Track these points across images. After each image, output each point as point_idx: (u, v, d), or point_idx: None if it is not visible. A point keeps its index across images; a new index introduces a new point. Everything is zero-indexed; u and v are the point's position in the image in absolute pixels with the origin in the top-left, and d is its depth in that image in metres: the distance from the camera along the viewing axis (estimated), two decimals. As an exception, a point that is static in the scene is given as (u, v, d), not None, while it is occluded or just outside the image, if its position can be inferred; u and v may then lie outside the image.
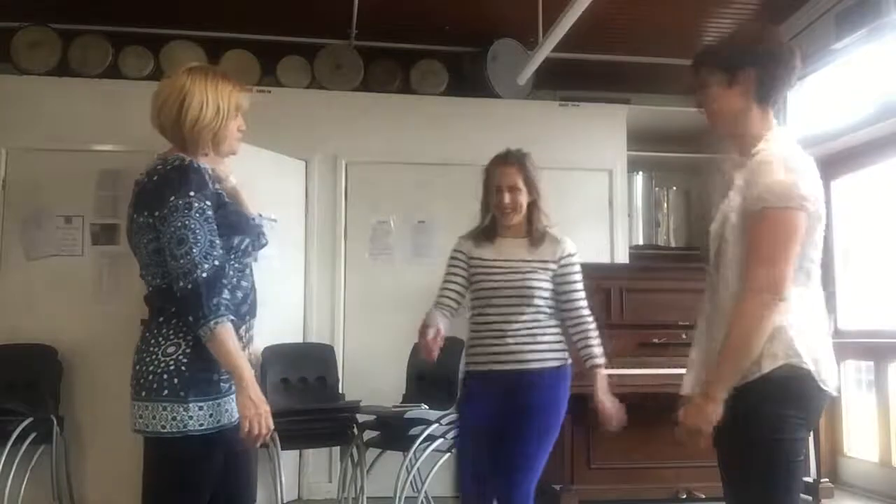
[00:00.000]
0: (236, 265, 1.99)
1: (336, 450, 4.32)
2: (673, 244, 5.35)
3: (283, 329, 4.41)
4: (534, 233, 2.80)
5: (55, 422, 4.04)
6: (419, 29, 4.91)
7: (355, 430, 3.95)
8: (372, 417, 3.92)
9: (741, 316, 1.75)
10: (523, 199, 2.78)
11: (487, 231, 2.85)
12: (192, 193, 1.89)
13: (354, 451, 3.88)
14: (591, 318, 2.78)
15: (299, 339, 4.60)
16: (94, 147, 4.52)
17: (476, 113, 4.90)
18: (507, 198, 2.76)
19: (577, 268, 2.81)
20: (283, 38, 4.99)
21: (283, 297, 4.47)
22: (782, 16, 4.84)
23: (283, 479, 3.81)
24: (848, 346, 4.47)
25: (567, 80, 5.37)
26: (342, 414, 4.02)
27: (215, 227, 1.91)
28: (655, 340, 4.20)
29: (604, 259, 4.96)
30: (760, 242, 1.76)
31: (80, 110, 4.50)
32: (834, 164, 4.54)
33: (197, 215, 1.88)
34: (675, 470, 4.15)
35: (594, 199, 5.05)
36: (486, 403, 2.71)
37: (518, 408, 2.65)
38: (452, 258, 2.86)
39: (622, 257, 5.03)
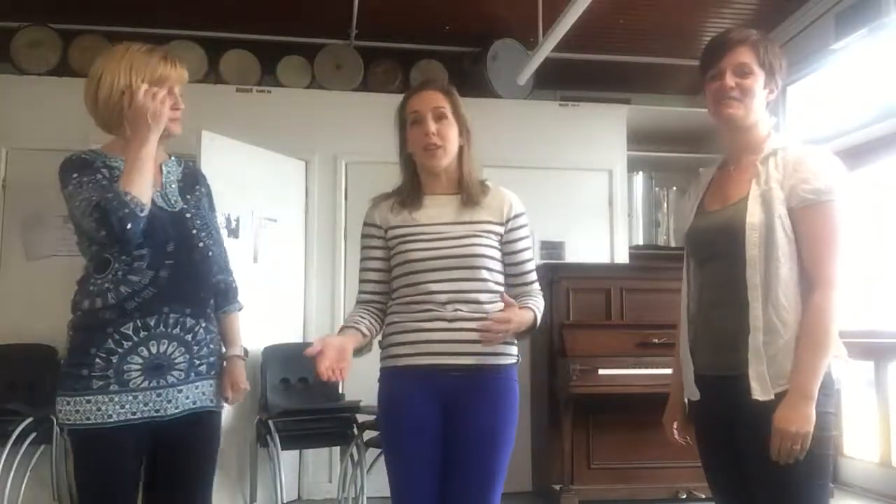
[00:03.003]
0: (123, 258, 1.94)
1: (336, 450, 4.32)
2: (673, 244, 5.34)
3: (283, 329, 4.41)
4: (468, 186, 2.11)
5: (55, 422, 4.03)
6: (419, 29, 4.91)
7: (355, 430, 3.95)
8: (372, 417, 3.92)
9: (825, 309, 1.73)
10: (452, 132, 2.11)
11: (408, 190, 2.15)
12: (73, 179, 1.98)
13: (354, 451, 3.88)
14: (541, 294, 2.15)
15: (299, 339, 4.60)
16: (94, 147, 4.51)
17: (476, 113, 4.80)
18: (431, 125, 2.07)
19: (526, 231, 2.16)
20: (283, 38, 4.99)
21: (283, 297, 4.47)
22: (782, 15, 4.85)
23: (283, 479, 3.82)
24: (848, 346, 4.46)
25: (567, 80, 5.37)
26: (342, 414, 4.02)
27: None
28: (655, 340, 4.20)
29: (604, 259, 4.97)
30: (833, 235, 1.76)
31: (80, 110, 4.45)
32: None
33: (78, 190, 1.95)
34: (675, 470, 4.16)
35: (594, 199, 5.05)
36: (423, 413, 2.02)
37: (470, 422, 2.01)
38: (365, 235, 2.18)
39: (622, 257, 5.03)
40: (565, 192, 4.96)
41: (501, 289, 2.10)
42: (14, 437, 3.78)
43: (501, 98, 5.06)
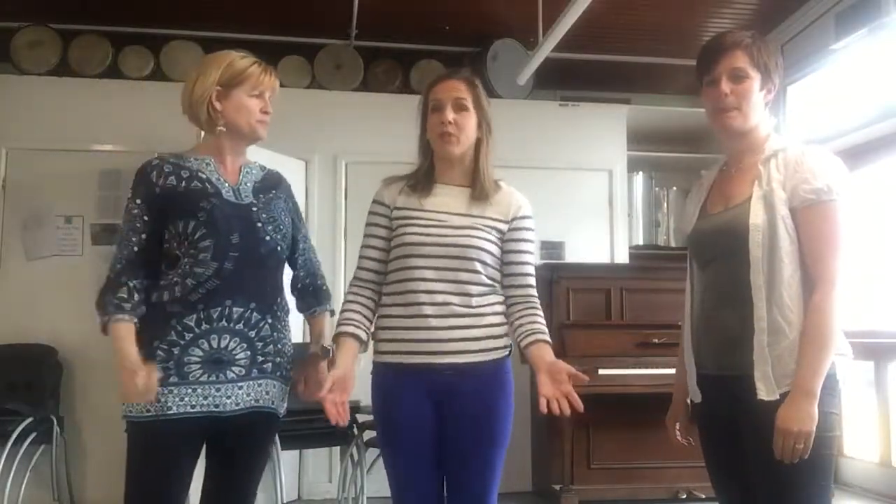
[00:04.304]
0: (191, 251, 1.96)
1: (336, 450, 4.32)
2: (673, 244, 5.35)
3: (283, 329, 4.41)
4: (480, 181, 2.11)
5: (55, 422, 4.04)
6: (419, 29, 4.92)
7: (355, 430, 3.94)
8: (372, 417, 3.92)
9: (826, 308, 1.73)
10: (471, 123, 2.10)
11: (421, 175, 2.15)
12: (130, 195, 2.03)
13: (354, 451, 3.88)
14: (539, 304, 2.12)
15: (299, 340, 4.59)
16: (94, 147, 4.52)
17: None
18: (449, 114, 2.07)
19: (531, 235, 2.14)
20: (283, 38, 4.99)
21: (283, 297, 4.47)
22: (782, 16, 4.85)
23: (283, 479, 3.81)
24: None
25: (567, 80, 5.37)
26: (342, 414, 4.02)
27: (138, 223, 1.99)
28: (655, 340, 4.20)
29: (604, 259, 4.97)
30: (834, 234, 1.77)
31: (80, 110, 4.50)
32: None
33: (126, 215, 2.02)
34: (675, 470, 4.16)
35: (594, 199, 5.05)
36: (418, 410, 2.04)
37: (465, 416, 2.02)
38: (372, 212, 2.17)
39: (622, 257, 5.03)
40: (565, 192, 4.96)
41: (496, 285, 2.10)
42: (14, 437, 3.77)
43: (501, 98, 5.06)
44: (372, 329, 2.13)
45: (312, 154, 4.78)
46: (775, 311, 1.77)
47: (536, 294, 2.15)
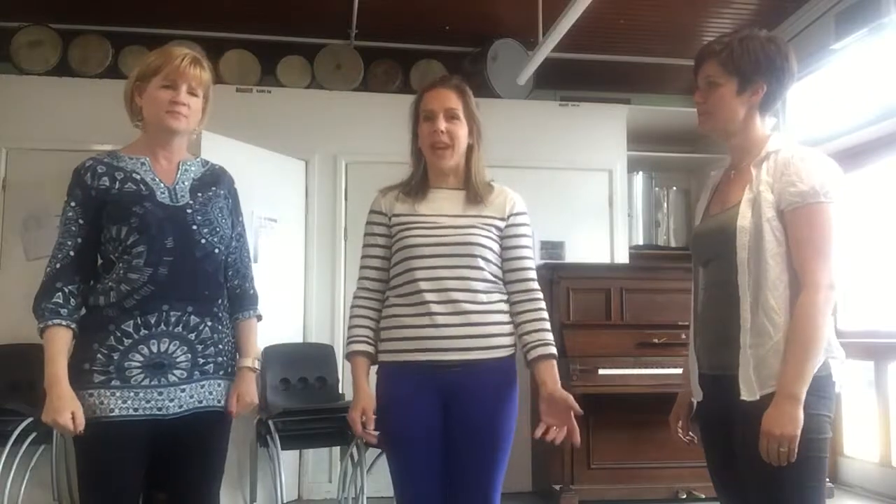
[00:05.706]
0: (125, 257, 1.95)
1: (336, 450, 4.32)
2: (673, 244, 5.35)
3: (283, 329, 4.41)
4: (473, 184, 2.16)
5: (55, 422, 4.03)
6: (419, 29, 4.92)
7: (355, 430, 3.95)
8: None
9: (811, 311, 1.73)
10: (462, 132, 2.14)
11: (415, 183, 2.20)
12: (66, 198, 2.03)
13: (354, 451, 3.88)
14: (541, 297, 2.14)
15: (299, 339, 4.60)
16: (94, 147, 4.49)
17: (476, 113, 4.90)
18: (441, 124, 2.11)
19: (527, 230, 2.18)
20: (283, 38, 5.00)
21: (283, 297, 4.47)
22: (782, 16, 4.85)
23: (283, 479, 3.81)
24: (848, 346, 4.44)
25: (567, 80, 5.37)
26: (342, 414, 4.00)
27: (73, 227, 1.99)
28: (655, 340, 4.20)
29: (604, 259, 4.97)
30: (819, 237, 1.76)
31: (80, 110, 4.49)
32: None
33: (62, 218, 2.01)
34: (674, 470, 4.15)
35: (594, 199, 5.05)
36: (424, 410, 2.05)
37: (470, 415, 2.04)
38: (370, 222, 2.20)
39: (622, 257, 5.03)
40: (565, 192, 4.96)
41: (499, 283, 2.12)
42: (14, 437, 3.77)
43: (501, 98, 5.06)
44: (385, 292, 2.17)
45: (312, 154, 4.78)
46: (760, 313, 1.78)
47: (538, 287, 2.16)
